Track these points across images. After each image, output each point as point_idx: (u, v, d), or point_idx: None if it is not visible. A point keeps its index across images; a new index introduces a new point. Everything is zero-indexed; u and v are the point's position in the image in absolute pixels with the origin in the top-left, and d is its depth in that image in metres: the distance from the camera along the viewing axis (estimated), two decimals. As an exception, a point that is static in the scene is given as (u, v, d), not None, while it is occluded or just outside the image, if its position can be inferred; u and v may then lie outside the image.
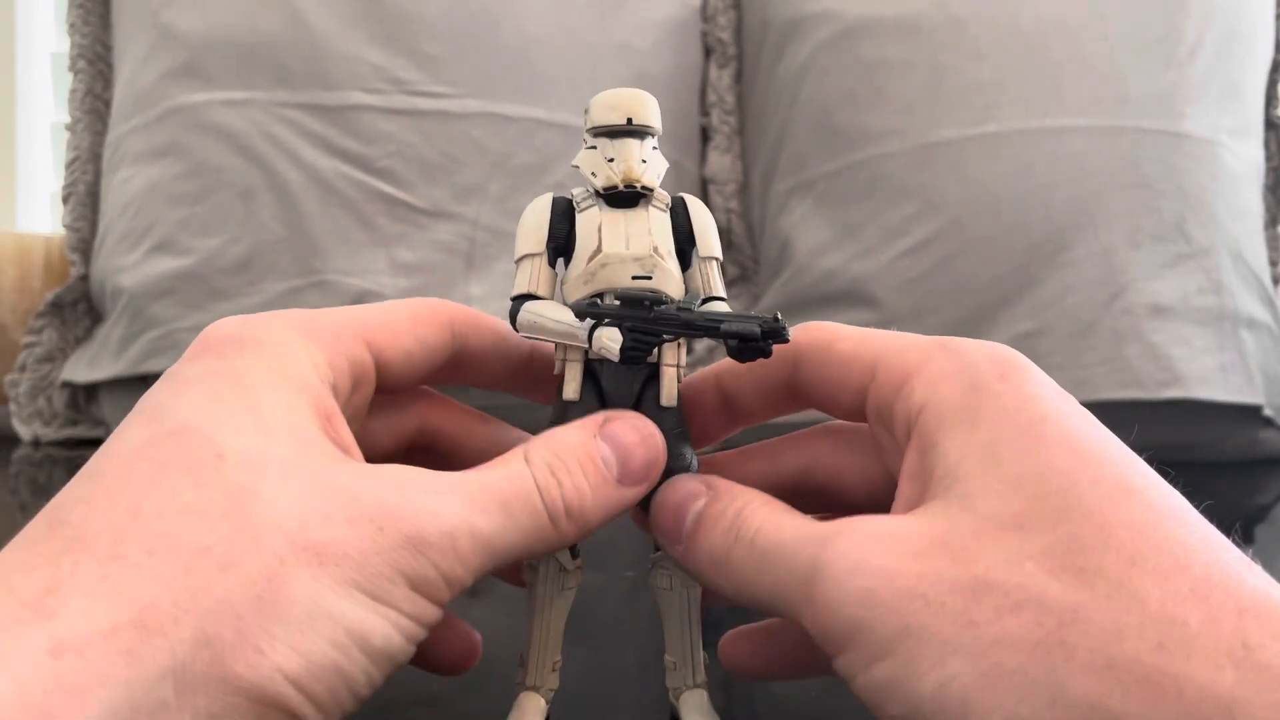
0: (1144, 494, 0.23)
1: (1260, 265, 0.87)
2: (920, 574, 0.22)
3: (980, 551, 0.22)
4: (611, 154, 0.29)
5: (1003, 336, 0.82)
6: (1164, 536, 0.21)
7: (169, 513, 0.21)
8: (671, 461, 0.29)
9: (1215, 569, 0.21)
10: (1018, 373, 0.26)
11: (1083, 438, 0.24)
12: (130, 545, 0.21)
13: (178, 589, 0.20)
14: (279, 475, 0.23)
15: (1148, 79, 0.84)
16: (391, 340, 0.29)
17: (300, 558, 0.22)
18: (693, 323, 0.27)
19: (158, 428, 0.23)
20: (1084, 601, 0.20)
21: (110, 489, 0.22)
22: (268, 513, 0.22)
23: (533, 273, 0.29)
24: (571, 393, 0.29)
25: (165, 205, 0.85)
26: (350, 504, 0.23)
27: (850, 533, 0.24)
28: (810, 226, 0.90)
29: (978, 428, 0.24)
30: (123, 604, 0.20)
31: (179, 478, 0.22)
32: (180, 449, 0.23)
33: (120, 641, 0.19)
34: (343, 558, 0.22)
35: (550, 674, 0.30)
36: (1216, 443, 0.84)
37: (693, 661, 0.30)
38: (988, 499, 0.23)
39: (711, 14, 0.98)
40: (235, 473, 0.22)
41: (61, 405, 0.91)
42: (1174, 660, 0.19)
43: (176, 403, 0.24)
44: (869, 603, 0.22)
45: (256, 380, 0.25)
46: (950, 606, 0.21)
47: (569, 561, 0.30)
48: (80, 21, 0.96)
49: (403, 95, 0.85)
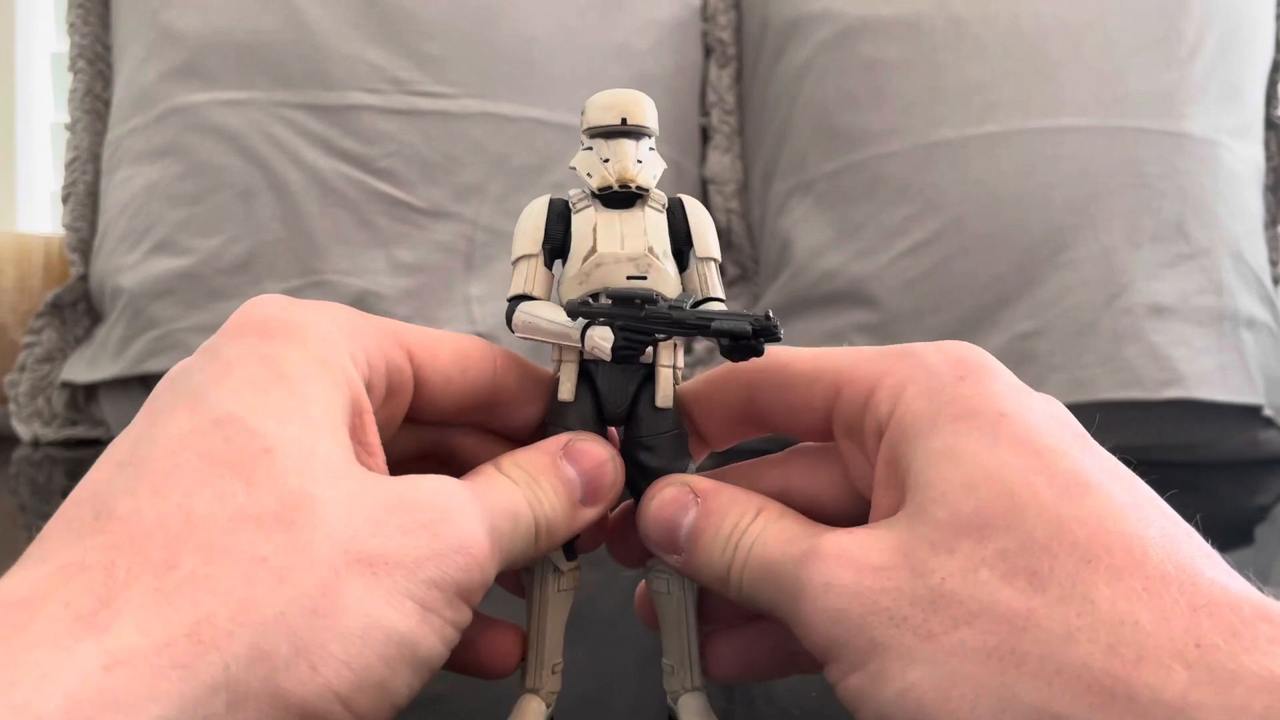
0: (1101, 489, 0.23)
1: (1260, 265, 0.87)
2: (883, 589, 0.23)
3: (936, 562, 0.23)
4: (607, 154, 0.29)
5: (1003, 336, 0.82)
6: (1119, 532, 0.21)
7: (222, 517, 0.21)
8: (669, 462, 0.29)
9: (1171, 564, 0.21)
10: (975, 372, 0.26)
11: (1040, 433, 0.24)
12: (185, 553, 0.20)
13: (234, 602, 0.20)
14: (329, 480, 0.23)
15: (1148, 79, 0.84)
16: (434, 360, 0.28)
17: (354, 569, 0.22)
18: (684, 321, 0.27)
19: (201, 417, 0.23)
20: (1035, 607, 0.21)
21: (157, 483, 0.21)
22: (322, 521, 0.22)
23: (528, 273, 0.29)
24: (567, 394, 0.29)
25: (165, 205, 0.85)
26: (401, 511, 0.23)
27: (823, 551, 0.24)
28: (810, 226, 0.89)
29: (938, 433, 0.24)
30: (178, 617, 0.19)
31: (229, 477, 0.22)
32: (227, 443, 0.22)
33: (174, 655, 0.19)
34: (396, 567, 0.22)
35: (550, 676, 0.30)
36: (1216, 443, 0.84)
37: (691, 664, 0.30)
38: (945, 503, 0.23)
39: (711, 14, 0.98)
40: (286, 476, 0.22)
41: (61, 405, 0.91)
42: (1124, 664, 0.19)
43: (218, 389, 0.23)
44: (842, 621, 0.23)
45: (297, 369, 0.24)
46: (911, 620, 0.22)
47: (564, 564, 0.30)
48: (80, 21, 0.96)
49: (403, 95, 0.85)
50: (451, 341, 0.29)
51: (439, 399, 0.29)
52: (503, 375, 0.30)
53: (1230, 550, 0.24)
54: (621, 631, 0.39)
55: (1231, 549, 0.24)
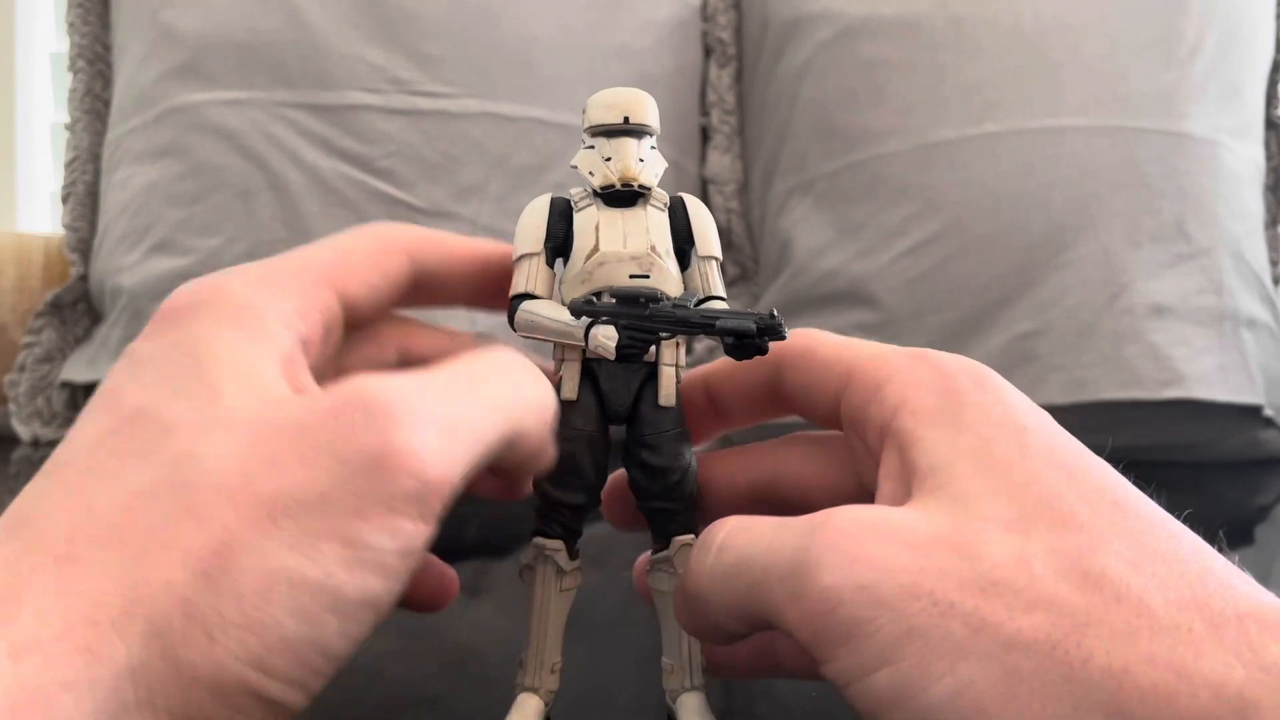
0: (1131, 506, 0.22)
1: (1260, 265, 0.87)
2: (924, 569, 0.20)
3: (984, 550, 0.21)
4: (609, 153, 0.29)
5: (1003, 337, 0.82)
6: (1157, 546, 0.21)
7: (119, 502, 0.20)
8: (671, 460, 0.29)
9: (1209, 576, 0.21)
10: (994, 384, 0.26)
11: (1064, 452, 0.24)
12: (84, 542, 0.20)
13: (126, 580, 0.19)
14: (222, 431, 0.21)
15: (1148, 79, 0.84)
16: (351, 277, 0.28)
17: (248, 518, 0.20)
18: (688, 320, 0.27)
19: (115, 415, 0.22)
20: (1094, 604, 0.20)
21: (69, 484, 0.21)
22: (209, 475, 0.20)
23: (530, 272, 0.29)
24: (570, 392, 0.29)
25: (165, 205, 0.85)
26: (299, 438, 0.21)
27: (840, 520, 0.22)
28: (810, 226, 0.89)
29: (964, 430, 0.24)
30: (76, 602, 0.19)
31: (131, 464, 0.21)
32: (133, 434, 0.22)
33: (76, 640, 0.18)
34: (298, 506, 0.20)
35: (549, 675, 0.30)
36: (1216, 443, 0.84)
37: (690, 664, 0.30)
38: (986, 502, 0.22)
39: (711, 14, 0.98)
40: (182, 443, 0.21)
41: (61, 405, 0.91)
42: (1186, 662, 0.19)
43: (131, 386, 0.23)
44: (868, 601, 0.20)
45: (210, 345, 0.23)
46: (960, 606, 0.20)
47: (567, 563, 0.30)
48: (80, 21, 0.96)
49: (403, 95, 0.85)
50: (361, 245, 0.29)
51: (366, 308, 0.29)
52: (418, 256, 0.30)
53: (1230, 550, 0.24)
54: (621, 631, 0.39)
55: (1231, 549, 0.24)
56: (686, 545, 0.30)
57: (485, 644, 0.31)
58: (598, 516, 0.32)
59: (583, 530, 0.31)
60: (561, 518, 0.30)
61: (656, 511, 0.30)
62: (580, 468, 0.29)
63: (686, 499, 0.30)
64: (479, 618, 0.33)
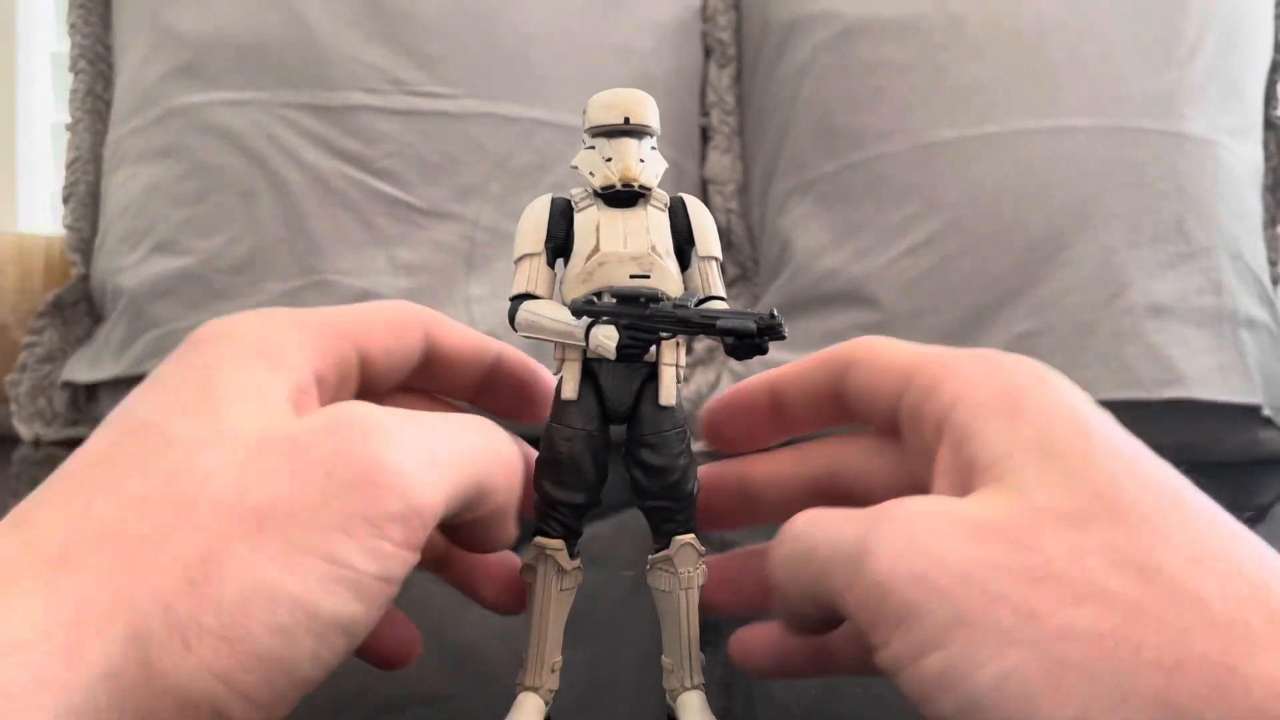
0: (1193, 503, 0.22)
1: (1260, 265, 0.87)
2: (977, 559, 0.21)
3: (1039, 541, 0.21)
4: (609, 154, 0.29)
5: (1003, 336, 0.82)
6: (1217, 544, 0.21)
7: (115, 508, 0.21)
8: (671, 460, 0.29)
9: (1269, 574, 0.21)
10: (1055, 379, 0.26)
11: (1126, 446, 0.24)
12: (77, 545, 0.20)
13: (112, 584, 0.19)
14: (222, 445, 0.21)
15: (1147, 79, 0.84)
16: (370, 337, 0.28)
17: (237, 529, 0.20)
18: (688, 319, 0.27)
19: (123, 428, 0.23)
20: (1147, 598, 0.20)
21: (70, 490, 0.22)
22: (203, 486, 0.21)
23: (531, 272, 0.29)
24: (570, 392, 0.29)
25: (166, 205, 0.85)
26: (293, 452, 0.21)
27: (900, 511, 0.22)
28: (810, 226, 0.90)
29: (1023, 421, 0.24)
30: (63, 602, 0.19)
31: (130, 473, 0.21)
32: (135, 444, 0.22)
33: (58, 641, 0.18)
34: (286, 518, 0.20)
35: (550, 675, 0.30)
36: (1216, 443, 0.84)
37: (690, 663, 0.30)
38: (1044, 491, 0.22)
39: (711, 14, 0.99)
40: (180, 456, 0.21)
41: (62, 405, 0.91)
42: (1240, 659, 0.19)
43: (144, 403, 0.24)
44: (922, 587, 0.21)
45: (223, 367, 0.24)
46: (1010, 595, 0.20)
47: (567, 562, 0.30)
48: (81, 21, 0.96)
49: (403, 95, 0.85)
50: (382, 313, 0.29)
51: (385, 372, 0.29)
52: (433, 336, 0.30)
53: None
54: (621, 631, 0.39)
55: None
56: (687, 545, 0.30)
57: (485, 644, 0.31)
58: (598, 516, 0.32)
59: (583, 530, 0.31)
60: (562, 517, 0.30)
61: (656, 510, 0.30)
62: (581, 467, 0.29)
63: (686, 498, 0.30)
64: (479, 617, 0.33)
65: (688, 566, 0.30)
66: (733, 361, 0.91)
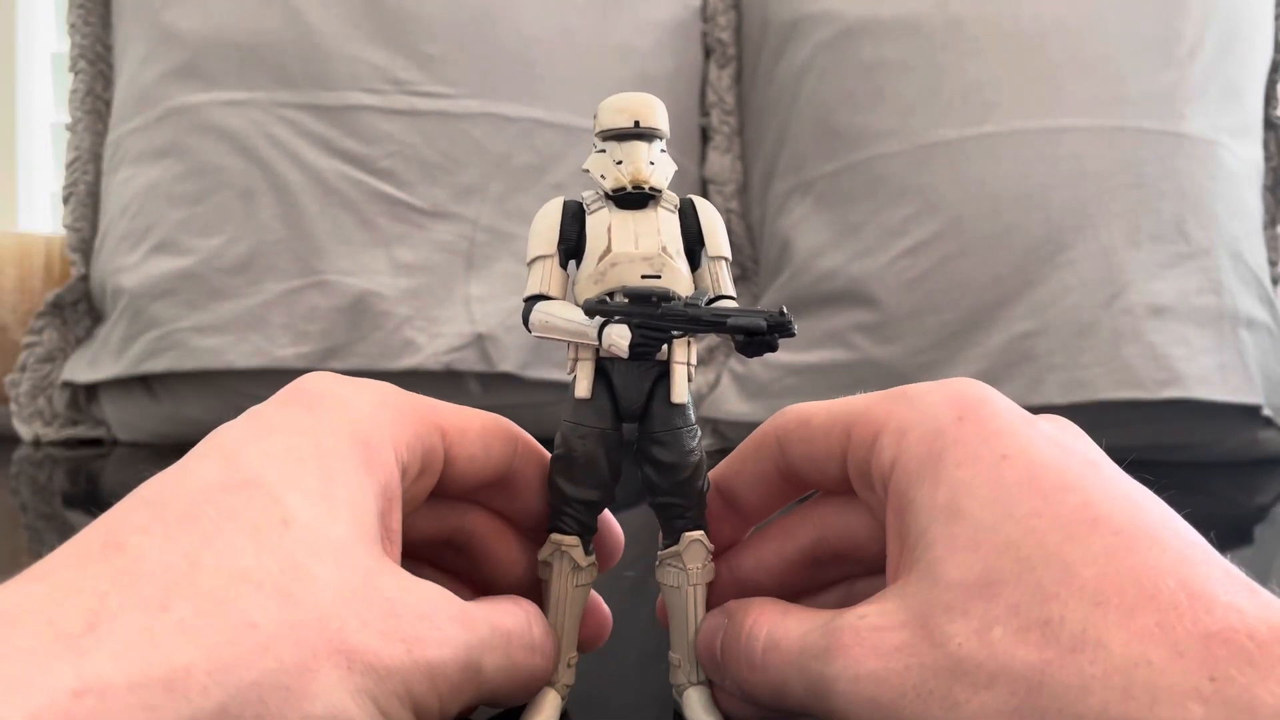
0: (1109, 522, 0.22)
1: (1260, 265, 0.87)
2: (906, 668, 0.23)
3: (952, 628, 0.23)
4: (619, 156, 0.30)
5: (1002, 337, 0.82)
6: (1129, 567, 0.21)
7: (225, 573, 0.21)
8: (682, 456, 0.30)
9: (1184, 593, 0.21)
10: (975, 409, 0.26)
11: (1044, 470, 0.24)
12: (180, 599, 0.20)
13: (215, 659, 0.20)
14: (335, 564, 0.23)
15: (1147, 79, 0.84)
16: (462, 438, 0.29)
17: (333, 658, 0.22)
18: (700, 318, 0.27)
19: (231, 473, 0.23)
20: (1050, 660, 0.21)
21: (172, 526, 0.22)
22: (316, 604, 0.22)
23: (544, 274, 0.30)
24: (583, 391, 0.30)
25: (166, 205, 0.85)
26: (388, 617, 0.23)
27: (844, 642, 0.24)
28: (810, 226, 0.90)
29: (939, 484, 0.25)
30: (158, 658, 0.19)
31: (241, 537, 0.22)
32: (248, 504, 0.23)
33: (145, 696, 0.19)
34: (369, 668, 0.22)
35: (566, 669, 0.30)
36: (1216, 443, 0.84)
37: (695, 659, 0.31)
38: (953, 564, 0.23)
39: (711, 14, 0.99)
40: (296, 550, 0.23)
41: (62, 405, 0.91)
42: (1140, 708, 0.19)
43: (252, 449, 0.24)
44: (876, 708, 0.23)
45: (334, 445, 0.25)
46: (936, 692, 0.22)
47: (583, 558, 0.30)
48: (81, 21, 0.96)
49: (403, 95, 0.85)
50: (479, 420, 0.30)
51: (463, 477, 0.30)
52: (522, 456, 0.31)
53: (1230, 550, 0.24)
54: (627, 628, 0.39)
55: (1231, 549, 0.24)
56: (696, 541, 0.30)
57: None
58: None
59: (598, 526, 0.31)
60: (577, 514, 0.30)
61: (666, 507, 0.31)
62: (595, 464, 0.30)
63: (696, 495, 0.30)
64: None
65: (696, 563, 0.30)
66: (733, 360, 0.91)
